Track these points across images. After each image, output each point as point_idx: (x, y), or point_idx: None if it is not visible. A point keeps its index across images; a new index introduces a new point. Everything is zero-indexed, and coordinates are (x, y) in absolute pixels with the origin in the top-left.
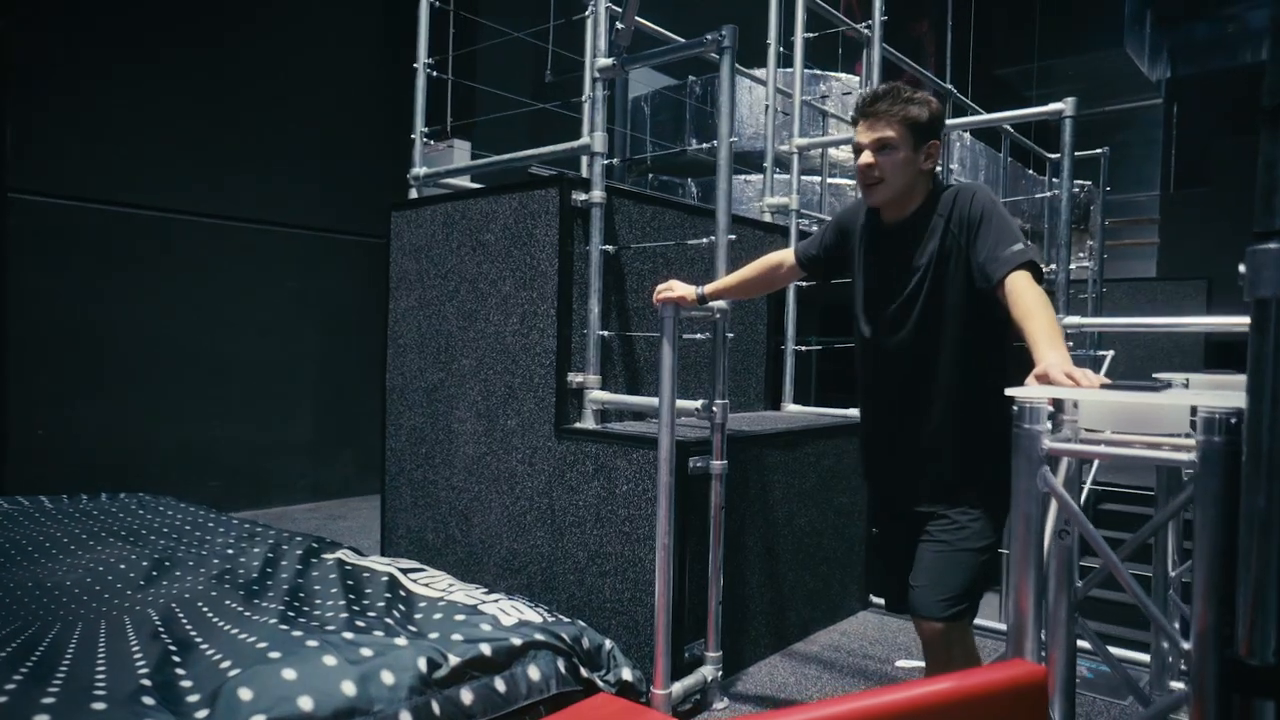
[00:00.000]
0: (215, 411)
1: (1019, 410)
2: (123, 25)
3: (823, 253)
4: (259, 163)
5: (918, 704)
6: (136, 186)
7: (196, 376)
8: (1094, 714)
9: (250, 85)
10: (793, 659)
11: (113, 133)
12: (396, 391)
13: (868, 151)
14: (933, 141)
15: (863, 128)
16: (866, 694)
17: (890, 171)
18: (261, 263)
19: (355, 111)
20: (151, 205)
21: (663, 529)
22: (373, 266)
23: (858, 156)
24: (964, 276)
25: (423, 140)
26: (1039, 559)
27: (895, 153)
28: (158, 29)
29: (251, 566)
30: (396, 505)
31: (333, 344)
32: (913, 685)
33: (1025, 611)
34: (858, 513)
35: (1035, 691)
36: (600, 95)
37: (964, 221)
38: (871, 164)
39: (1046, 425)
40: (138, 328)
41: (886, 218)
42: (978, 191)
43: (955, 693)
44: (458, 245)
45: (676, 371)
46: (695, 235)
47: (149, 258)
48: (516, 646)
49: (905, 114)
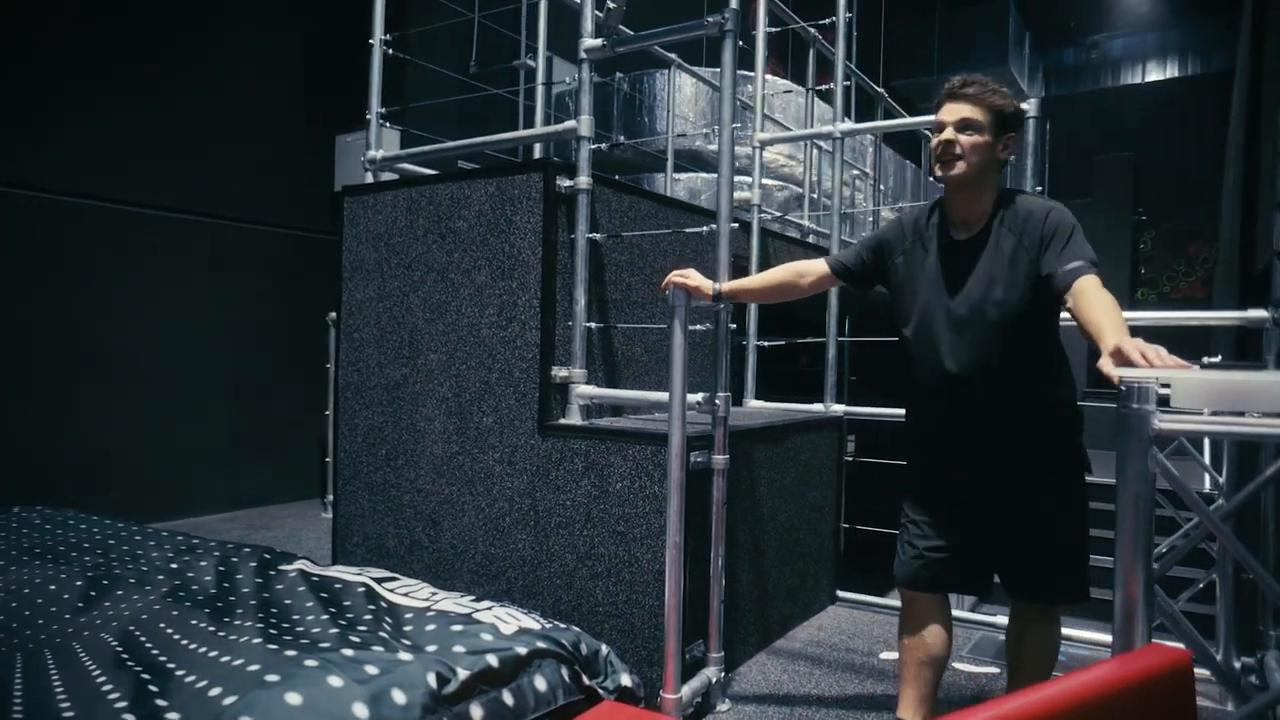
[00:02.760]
0: (118, 415)
1: (1127, 390)
2: (32, 6)
3: (859, 268)
4: (167, 147)
5: (1079, 697)
6: (27, 169)
7: (95, 377)
8: None
9: (159, 68)
10: (779, 656)
11: None
12: (352, 389)
13: (950, 128)
14: (1011, 134)
15: (948, 109)
16: (1025, 692)
17: (969, 150)
18: (170, 254)
19: (274, 98)
20: (44, 187)
21: (674, 527)
22: (293, 258)
23: (937, 135)
24: (1033, 288)
25: (378, 121)
26: (1148, 544)
27: (977, 134)
28: (67, 12)
29: (205, 582)
30: (351, 511)
31: (250, 341)
32: (1067, 679)
33: (1135, 597)
34: (828, 507)
35: (1183, 675)
36: (588, 77)
37: (1038, 236)
38: (952, 140)
39: (1155, 405)
40: (25, 323)
41: (963, 228)
42: (1054, 209)
43: (1111, 682)
44: (424, 233)
45: (687, 364)
46: (668, 226)
47: (41, 246)
48: (523, 656)
49: (992, 101)
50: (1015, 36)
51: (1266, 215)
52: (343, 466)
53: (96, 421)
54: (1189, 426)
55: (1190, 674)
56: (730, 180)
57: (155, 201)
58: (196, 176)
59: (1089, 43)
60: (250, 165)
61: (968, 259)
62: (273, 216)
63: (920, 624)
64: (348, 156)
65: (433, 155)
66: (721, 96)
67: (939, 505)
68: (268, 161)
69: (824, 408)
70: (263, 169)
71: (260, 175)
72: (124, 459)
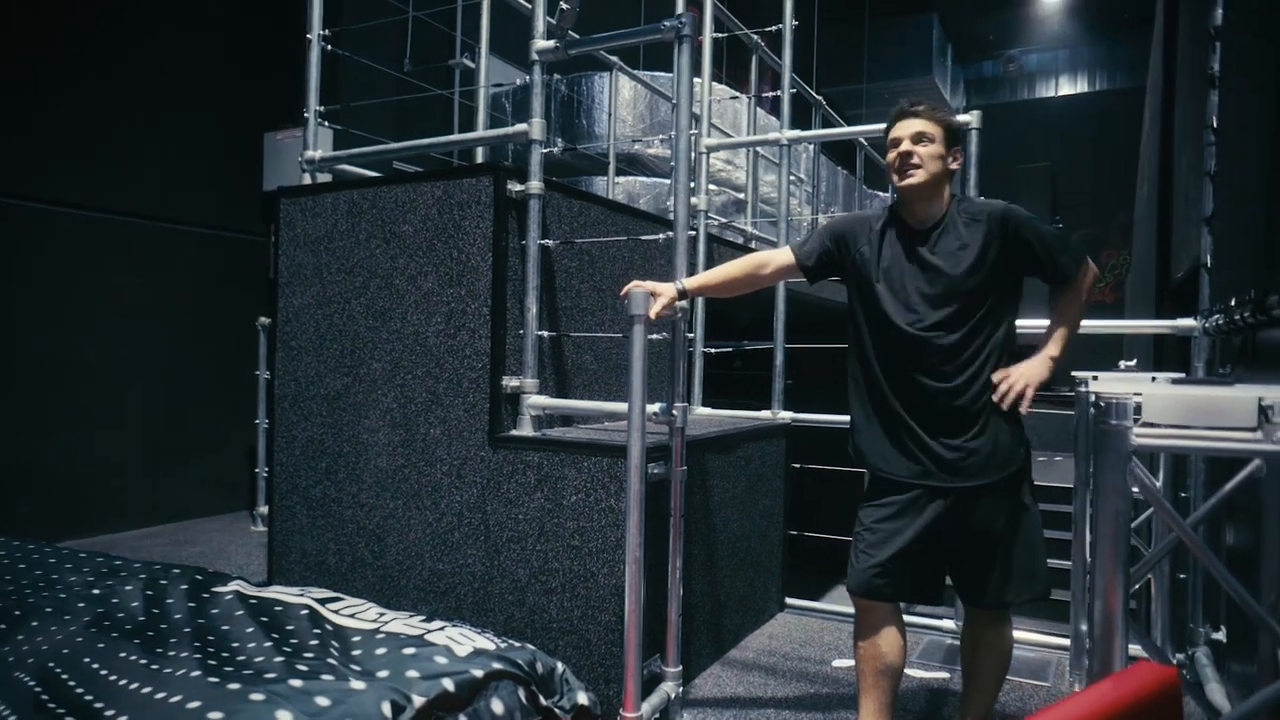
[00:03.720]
0: (25, 424)
1: (1105, 406)
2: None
3: (822, 255)
4: (83, 144)
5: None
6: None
7: (0, 384)
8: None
9: (74, 63)
10: (733, 667)
11: None
12: (289, 399)
13: (906, 141)
14: (958, 146)
15: (902, 126)
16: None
17: (927, 159)
18: (86, 255)
19: (196, 93)
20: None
21: (634, 541)
22: (220, 261)
23: (894, 150)
24: (1003, 279)
25: (316, 120)
26: (1126, 557)
27: (931, 144)
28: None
29: (132, 608)
30: (289, 527)
31: (174, 347)
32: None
33: (1114, 614)
34: (777, 515)
35: (1170, 693)
36: (539, 79)
37: (1010, 234)
38: (910, 151)
39: (1133, 421)
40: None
41: (917, 222)
42: (1014, 208)
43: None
44: (366, 237)
45: (646, 376)
46: (617, 232)
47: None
48: (479, 679)
49: (942, 118)
50: (939, 48)
51: (1182, 228)
52: (279, 480)
53: (1, 431)
54: (1166, 442)
55: (1179, 692)
56: (687, 187)
57: (70, 200)
58: (114, 175)
59: (1006, 56)
60: (172, 162)
61: (931, 244)
62: (197, 216)
63: (876, 632)
64: (277, 155)
65: (375, 156)
66: (678, 103)
67: (894, 513)
68: (191, 159)
69: (771, 415)
70: (186, 167)
71: (183, 173)
72: (33, 472)
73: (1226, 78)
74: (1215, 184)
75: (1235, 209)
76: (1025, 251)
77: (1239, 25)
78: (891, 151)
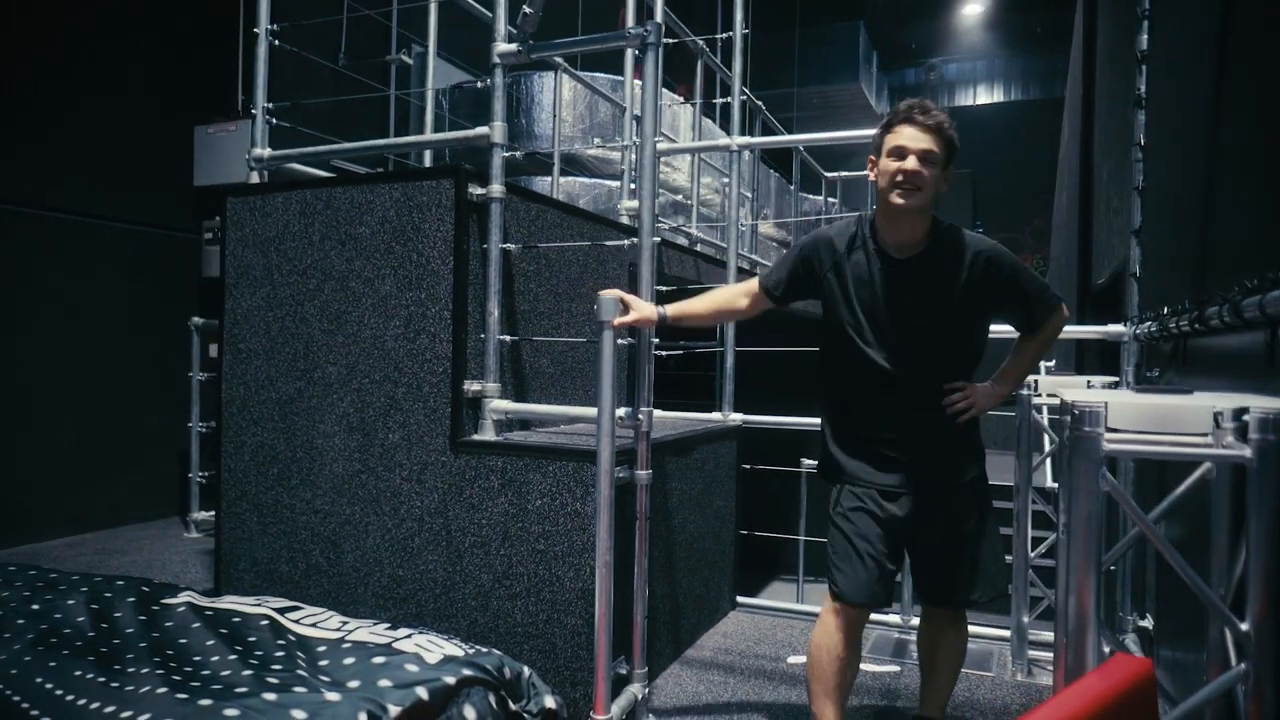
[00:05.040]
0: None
1: (1079, 414)
2: None
3: (790, 282)
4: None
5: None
6: None
7: None
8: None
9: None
10: (691, 666)
11: None
12: (237, 404)
13: (914, 158)
14: (950, 168)
15: (910, 134)
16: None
17: (930, 183)
18: (4, 251)
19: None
20: None
21: (604, 545)
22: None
23: (899, 159)
24: (982, 315)
25: (264, 117)
26: (1099, 559)
27: (935, 168)
28: None
29: (78, 623)
30: (238, 534)
31: (99, 347)
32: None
33: (1087, 611)
34: (729, 515)
35: (1146, 686)
36: (501, 82)
37: (995, 280)
38: (918, 171)
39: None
40: None
41: (896, 246)
42: (1001, 251)
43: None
44: (320, 238)
45: (616, 379)
46: (573, 237)
47: None
48: (451, 686)
49: (949, 135)
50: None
51: (1103, 237)
52: (227, 486)
53: None
54: (1135, 448)
55: (1154, 684)
56: (653, 193)
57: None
58: (33, 167)
59: (928, 65)
60: (95, 155)
61: (912, 276)
62: (122, 212)
63: (853, 637)
64: (209, 150)
65: (328, 155)
66: (644, 111)
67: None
68: (117, 151)
69: (722, 416)
70: (110, 159)
71: (107, 166)
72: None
73: (1154, 98)
74: (1143, 199)
75: (1162, 223)
76: (1005, 299)
77: (1165, 49)
78: (892, 161)
